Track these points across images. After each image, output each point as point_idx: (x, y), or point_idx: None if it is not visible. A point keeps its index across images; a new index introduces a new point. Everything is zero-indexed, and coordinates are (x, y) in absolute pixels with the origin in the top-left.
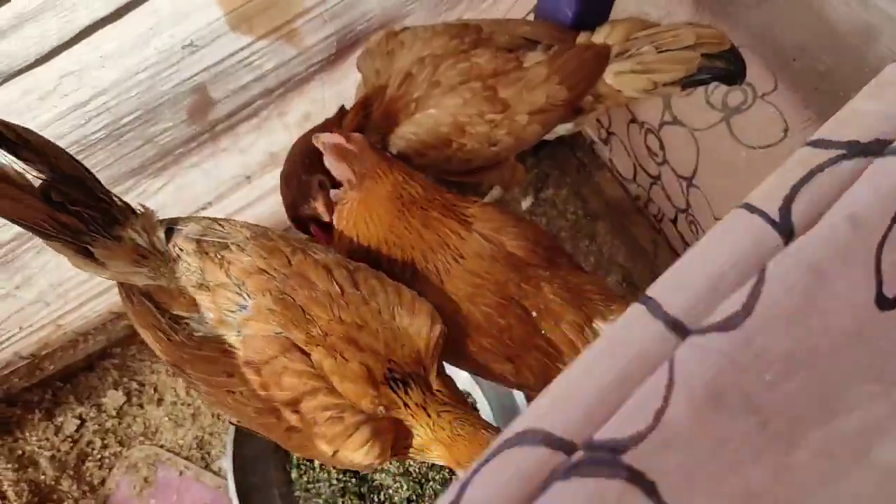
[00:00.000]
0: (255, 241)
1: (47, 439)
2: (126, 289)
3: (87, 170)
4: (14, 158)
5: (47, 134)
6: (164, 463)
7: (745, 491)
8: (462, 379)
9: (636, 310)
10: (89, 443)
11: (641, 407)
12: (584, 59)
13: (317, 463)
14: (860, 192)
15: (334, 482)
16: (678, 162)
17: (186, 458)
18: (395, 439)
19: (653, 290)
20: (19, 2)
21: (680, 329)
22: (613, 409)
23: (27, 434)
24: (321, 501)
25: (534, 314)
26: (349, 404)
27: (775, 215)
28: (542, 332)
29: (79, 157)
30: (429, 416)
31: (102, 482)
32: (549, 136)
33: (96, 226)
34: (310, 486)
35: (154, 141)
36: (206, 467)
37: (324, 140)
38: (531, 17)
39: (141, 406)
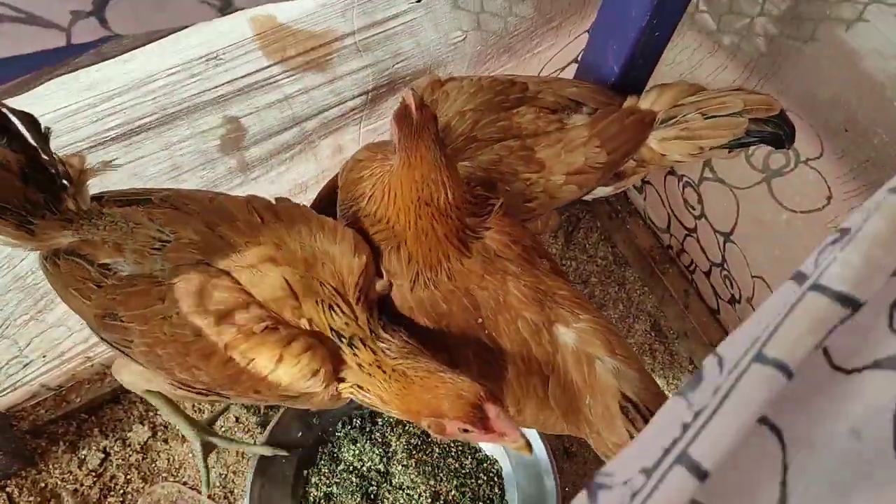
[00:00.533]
0: (177, 193)
1: (70, 472)
2: (50, 256)
3: (44, 140)
4: None
5: (64, 125)
6: (186, 500)
7: None
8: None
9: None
10: (112, 477)
11: None
12: (626, 125)
13: None
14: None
15: None
16: (716, 217)
17: (209, 497)
18: (335, 367)
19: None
20: None
21: None
22: None
23: (50, 466)
24: None
25: (482, 309)
26: (281, 319)
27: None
28: (485, 330)
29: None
30: (355, 347)
31: None
32: (588, 197)
33: (50, 201)
34: None
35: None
36: None
37: (405, 98)
38: (573, 68)
39: (166, 441)
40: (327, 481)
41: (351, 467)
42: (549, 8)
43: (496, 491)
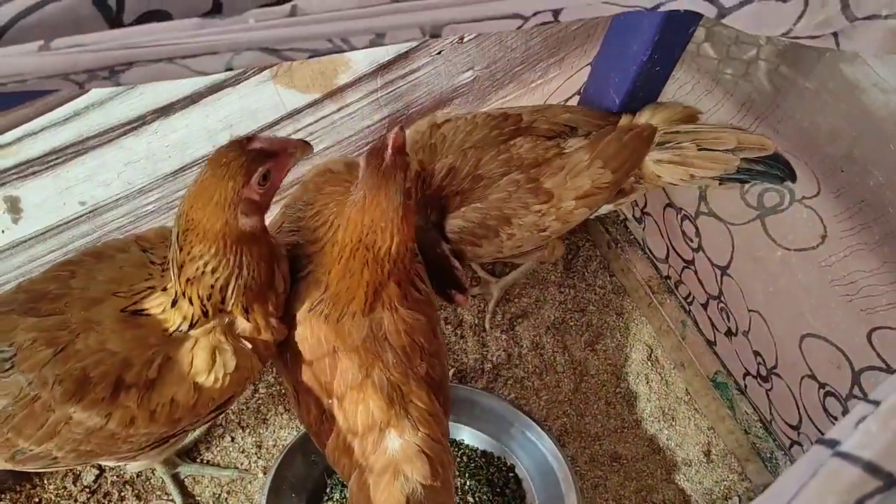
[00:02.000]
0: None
1: (65, 488)
2: None
3: None
4: None
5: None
6: None
7: None
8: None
9: None
10: (107, 494)
11: None
12: (625, 142)
13: None
14: None
15: None
16: (714, 250)
17: None
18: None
19: None
20: None
21: None
22: None
23: (45, 482)
24: None
25: (339, 375)
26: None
27: None
28: (331, 397)
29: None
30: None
31: None
32: (590, 216)
33: None
34: None
35: None
36: None
37: (389, 136)
38: (574, 100)
39: None
40: None
41: None
42: (556, 42)
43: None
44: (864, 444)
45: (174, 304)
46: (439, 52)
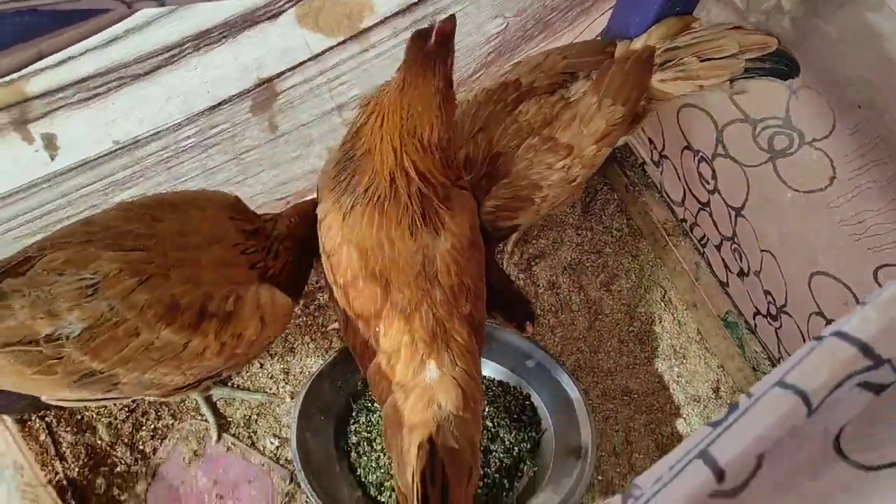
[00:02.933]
0: (46, 239)
1: (105, 407)
2: None
3: None
4: None
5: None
6: (212, 437)
7: None
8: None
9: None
10: (144, 413)
11: None
12: (628, 71)
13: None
14: None
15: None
16: (729, 192)
17: (234, 436)
18: None
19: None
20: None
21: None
22: None
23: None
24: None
25: (389, 305)
26: (234, 286)
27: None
28: (377, 328)
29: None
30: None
31: (154, 451)
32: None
33: None
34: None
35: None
36: (252, 445)
37: (438, 20)
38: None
39: None
40: (365, 429)
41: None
42: None
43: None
44: (861, 328)
45: (268, 252)
46: None
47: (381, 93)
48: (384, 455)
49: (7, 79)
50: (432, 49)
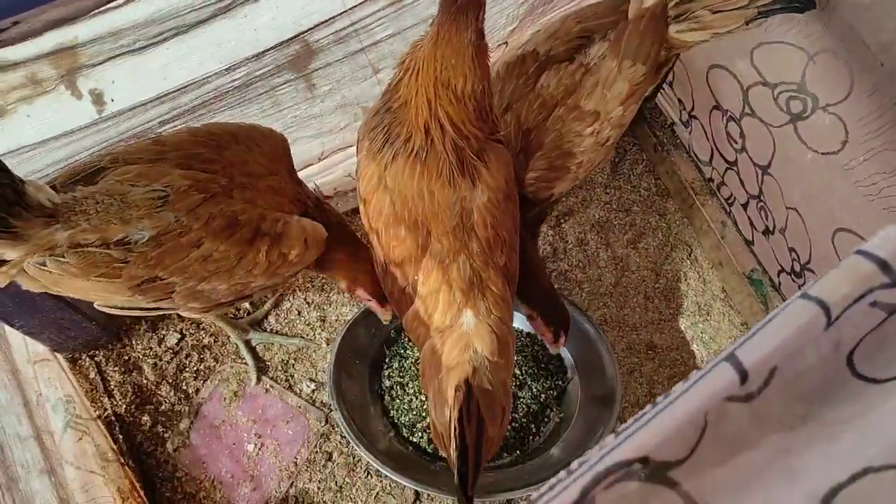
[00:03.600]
0: (118, 150)
1: (151, 348)
2: (48, 259)
3: None
4: None
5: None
6: (252, 379)
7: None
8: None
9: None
10: (188, 355)
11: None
12: (643, 30)
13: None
14: None
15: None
16: (756, 151)
17: (272, 379)
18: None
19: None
20: None
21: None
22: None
23: (134, 342)
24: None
25: (430, 257)
26: (282, 213)
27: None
28: (416, 276)
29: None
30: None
31: (196, 391)
32: None
33: (17, 196)
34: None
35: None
36: (289, 388)
37: None
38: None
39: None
40: (398, 374)
41: (416, 360)
42: None
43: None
44: (881, 246)
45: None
46: None
47: (416, 48)
48: (416, 398)
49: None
50: (463, 2)
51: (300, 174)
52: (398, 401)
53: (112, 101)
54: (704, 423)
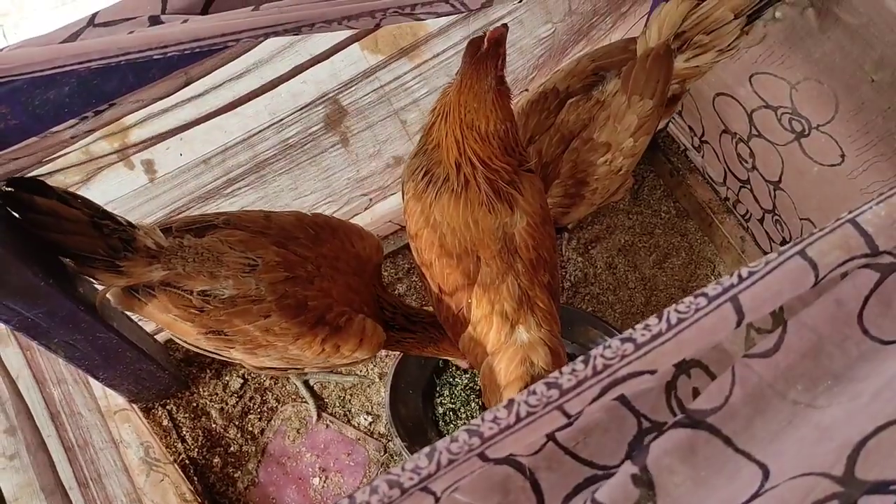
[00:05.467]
0: (232, 215)
1: (217, 394)
2: (142, 291)
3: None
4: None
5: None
6: (312, 417)
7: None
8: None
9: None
10: (251, 398)
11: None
12: (649, 68)
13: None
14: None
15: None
16: (766, 168)
17: (331, 415)
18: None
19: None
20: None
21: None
22: None
23: (201, 389)
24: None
25: (479, 278)
26: (350, 309)
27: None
28: (469, 300)
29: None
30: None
31: (262, 432)
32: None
33: (125, 243)
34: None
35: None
36: (348, 422)
37: (490, 30)
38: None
39: None
40: (450, 401)
41: (466, 387)
42: None
43: None
44: (870, 221)
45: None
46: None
47: (444, 94)
48: (468, 422)
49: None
50: (484, 53)
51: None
52: (452, 426)
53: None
54: (732, 377)
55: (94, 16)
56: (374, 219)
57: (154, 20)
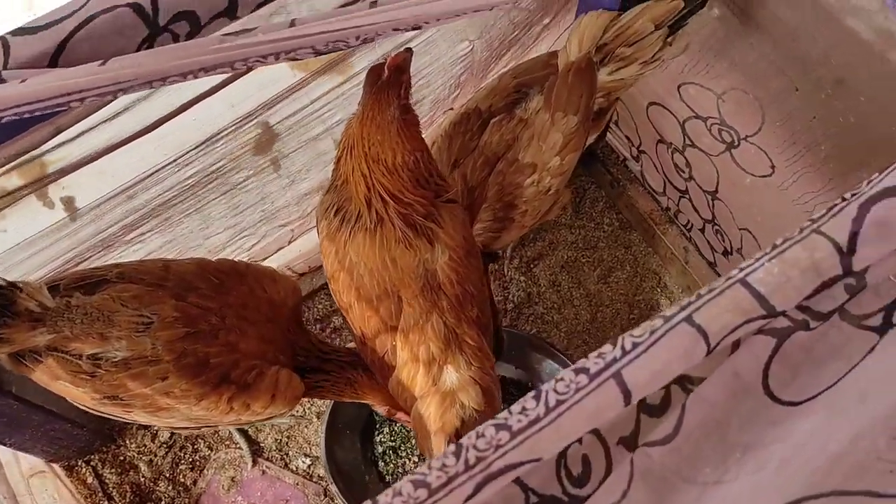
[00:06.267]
0: (127, 267)
1: (145, 445)
2: (28, 356)
3: None
4: None
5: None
6: (248, 463)
7: None
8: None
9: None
10: (182, 448)
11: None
12: (571, 83)
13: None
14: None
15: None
16: (702, 178)
17: (268, 460)
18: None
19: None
20: None
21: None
22: None
23: (127, 441)
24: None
25: (402, 320)
26: (261, 362)
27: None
28: (393, 342)
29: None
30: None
31: (194, 482)
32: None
33: (3, 309)
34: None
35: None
36: (286, 466)
37: (390, 56)
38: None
39: None
40: (389, 439)
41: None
42: (543, 3)
43: None
44: (762, 280)
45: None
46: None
47: (348, 126)
48: (409, 460)
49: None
50: (385, 81)
51: (271, 259)
52: (392, 465)
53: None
54: (631, 470)
55: None
56: (304, 251)
57: None
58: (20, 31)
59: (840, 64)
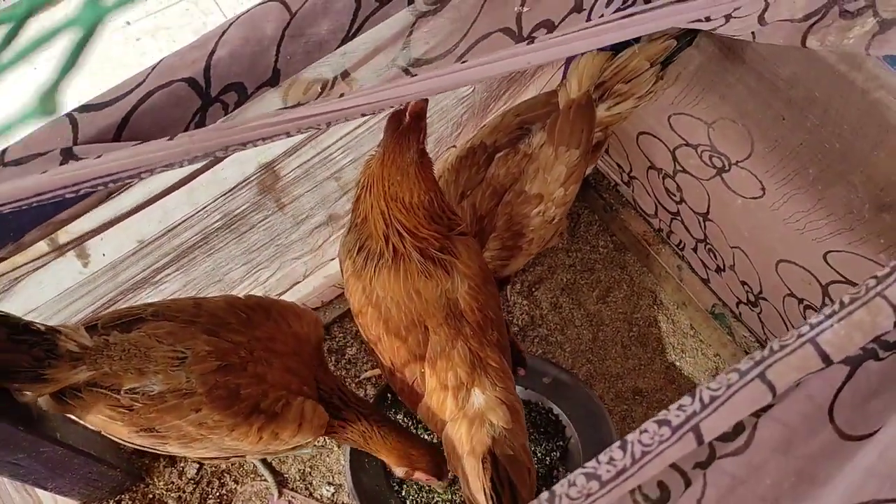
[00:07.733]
0: (161, 305)
1: (173, 482)
2: (69, 393)
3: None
4: None
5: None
6: (274, 495)
7: None
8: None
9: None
10: (209, 483)
11: None
12: (572, 119)
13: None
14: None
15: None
16: (693, 201)
17: (293, 490)
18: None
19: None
20: None
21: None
22: None
23: (156, 479)
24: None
25: (428, 352)
26: (287, 392)
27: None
28: (422, 370)
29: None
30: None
31: None
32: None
33: (47, 352)
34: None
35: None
36: (311, 495)
37: (412, 103)
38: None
39: None
40: None
41: None
42: None
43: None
44: (829, 342)
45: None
46: None
47: (367, 166)
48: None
49: None
50: (406, 127)
51: (287, 295)
52: (413, 488)
53: (103, 255)
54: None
55: (2, 153)
56: (317, 285)
57: (66, 153)
58: (86, 108)
59: (823, 97)
